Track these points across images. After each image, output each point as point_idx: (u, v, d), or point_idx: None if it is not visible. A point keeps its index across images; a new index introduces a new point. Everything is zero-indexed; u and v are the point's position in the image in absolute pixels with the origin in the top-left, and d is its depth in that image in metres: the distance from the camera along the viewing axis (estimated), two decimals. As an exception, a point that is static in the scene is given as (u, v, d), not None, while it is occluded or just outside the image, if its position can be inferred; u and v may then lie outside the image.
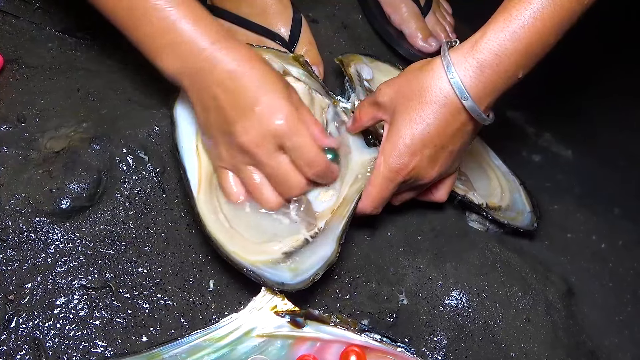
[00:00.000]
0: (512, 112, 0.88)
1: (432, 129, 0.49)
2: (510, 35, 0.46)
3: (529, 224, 0.68)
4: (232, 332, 0.50)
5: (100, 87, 0.62)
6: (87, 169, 0.54)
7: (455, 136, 0.51)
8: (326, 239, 0.55)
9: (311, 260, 0.53)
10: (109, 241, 0.54)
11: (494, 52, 0.46)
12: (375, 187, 0.54)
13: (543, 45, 0.47)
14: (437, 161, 0.53)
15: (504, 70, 0.47)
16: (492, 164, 0.73)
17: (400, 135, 0.51)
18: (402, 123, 0.51)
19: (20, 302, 0.50)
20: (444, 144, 0.51)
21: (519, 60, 0.46)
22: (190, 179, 0.54)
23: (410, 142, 0.51)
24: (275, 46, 0.69)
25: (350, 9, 0.83)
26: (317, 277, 0.52)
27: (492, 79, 0.47)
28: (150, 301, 0.53)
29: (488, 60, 0.46)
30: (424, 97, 0.49)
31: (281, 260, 0.52)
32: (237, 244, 0.52)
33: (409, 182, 0.55)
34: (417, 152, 0.51)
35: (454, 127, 0.50)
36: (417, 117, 0.50)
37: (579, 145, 0.85)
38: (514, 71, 0.47)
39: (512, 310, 0.60)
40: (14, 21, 0.64)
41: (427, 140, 0.50)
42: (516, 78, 0.47)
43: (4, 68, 0.60)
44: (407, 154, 0.51)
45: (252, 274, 0.50)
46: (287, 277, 0.51)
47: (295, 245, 0.54)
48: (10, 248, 0.51)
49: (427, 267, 0.61)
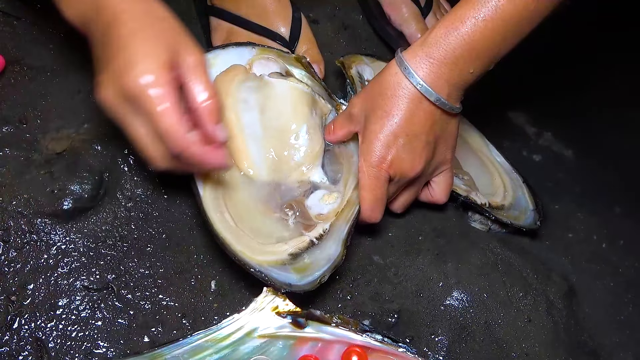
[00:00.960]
0: (512, 112, 0.88)
1: (399, 119, 0.51)
2: (453, 32, 0.49)
3: (532, 223, 0.68)
4: (234, 333, 0.50)
5: (101, 88, 0.62)
6: (89, 170, 0.54)
7: (425, 125, 0.52)
8: (332, 242, 0.55)
9: (318, 262, 0.53)
10: (110, 242, 0.54)
11: (440, 47, 0.49)
12: (365, 189, 0.55)
13: (488, 45, 0.49)
14: (415, 151, 0.53)
15: (452, 63, 0.49)
16: (494, 161, 0.73)
17: (373, 133, 0.53)
18: (372, 123, 0.53)
19: (23, 303, 0.50)
20: (416, 132, 0.52)
21: (465, 55, 0.49)
22: (195, 178, 0.54)
23: (382, 136, 0.52)
24: (276, 46, 0.69)
25: (350, 9, 0.84)
26: (324, 279, 0.52)
27: (442, 70, 0.50)
28: (152, 302, 0.53)
29: (435, 54, 0.50)
30: (387, 94, 0.52)
31: (287, 262, 0.53)
32: (244, 244, 0.52)
33: (397, 179, 0.55)
34: (390, 143, 0.52)
35: (421, 117, 0.52)
36: (383, 113, 0.52)
37: (580, 144, 0.85)
38: (462, 65, 0.49)
39: (513, 310, 0.60)
40: (15, 22, 0.64)
41: (397, 131, 0.52)
42: (468, 72, 0.50)
43: (5, 69, 0.60)
44: (382, 147, 0.52)
45: (260, 274, 0.50)
46: (294, 278, 0.51)
47: (301, 247, 0.54)
48: (12, 249, 0.51)
49: (428, 267, 0.61)
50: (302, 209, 0.56)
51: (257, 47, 0.63)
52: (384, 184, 0.54)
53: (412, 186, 0.59)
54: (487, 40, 0.49)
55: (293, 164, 0.58)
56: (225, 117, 0.57)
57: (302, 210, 0.56)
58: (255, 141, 0.58)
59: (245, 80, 0.59)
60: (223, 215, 0.53)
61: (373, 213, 0.56)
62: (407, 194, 0.60)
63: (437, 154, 0.56)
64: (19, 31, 0.64)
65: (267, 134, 0.58)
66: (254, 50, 0.63)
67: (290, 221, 0.56)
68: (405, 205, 0.61)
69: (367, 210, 0.56)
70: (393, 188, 0.57)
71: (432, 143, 0.54)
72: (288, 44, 0.70)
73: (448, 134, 0.56)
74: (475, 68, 0.50)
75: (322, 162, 0.60)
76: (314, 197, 0.58)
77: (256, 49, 0.63)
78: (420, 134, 0.52)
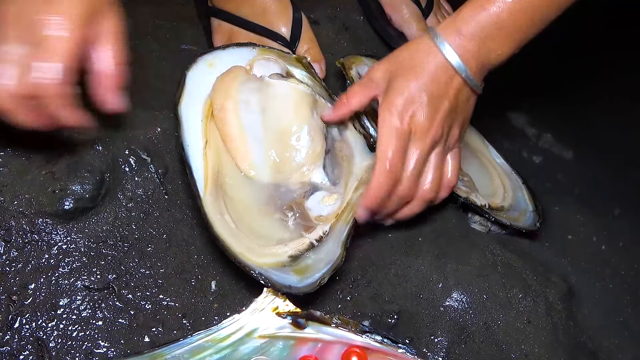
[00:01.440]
0: (513, 113, 0.88)
1: (426, 80, 0.52)
2: (483, 12, 0.51)
3: (532, 224, 0.68)
4: (234, 333, 0.50)
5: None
6: (90, 170, 0.55)
7: (448, 91, 0.52)
8: (332, 243, 0.55)
9: (317, 264, 0.53)
10: (111, 242, 0.55)
11: (470, 25, 0.51)
12: (385, 136, 0.52)
13: (516, 26, 0.51)
14: (437, 111, 0.52)
15: (480, 41, 0.51)
16: (494, 163, 0.73)
17: (398, 89, 0.52)
18: (398, 82, 0.52)
19: (24, 302, 0.50)
20: (440, 94, 0.52)
21: (493, 34, 0.51)
22: (196, 178, 0.54)
23: (407, 91, 0.52)
24: (277, 46, 0.69)
25: (351, 10, 0.84)
26: (323, 281, 0.52)
27: (470, 47, 0.51)
28: (153, 302, 0.53)
29: (464, 30, 0.51)
30: (416, 58, 0.53)
31: (287, 264, 0.53)
32: (244, 245, 0.52)
33: (417, 138, 0.52)
34: (415, 98, 0.52)
35: (447, 84, 0.52)
36: (410, 74, 0.52)
37: (580, 146, 0.85)
38: (490, 44, 0.51)
39: (512, 311, 0.60)
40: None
41: (423, 89, 0.52)
42: (495, 53, 0.52)
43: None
44: (406, 101, 0.52)
45: (260, 277, 0.51)
46: (294, 280, 0.52)
47: (301, 249, 0.54)
48: (13, 249, 0.51)
49: (428, 268, 0.61)
50: (302, 211, 0.57)
51: (258, 48, 0.63)
52: (403, 134, 0.52)
53: (434, 155, 0.55)
54: (516, 22, 0.50)
55: (294, 165, 0.59)
56: (226, 119, 0.58)
57: (302, 211, 0.57)
58: (256, 142, 0.58)
59: (246, 81, 0.59)
60: (223, 216, 0.53)
61: (391, 167, 0.52)
62: (432, 162, 0.55)
63: (454, 126, 0.55)
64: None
65: (268, 135, 0.59)
66: (254, 50, 0.63)
67: (290, 222, 0.56)
68: (436, 180, 0.56)
69: (384, 164, 0.52)
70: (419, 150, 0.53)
71: (453, 112, 0.53)
72: (289, 44, 0.70)
73: (466, 111, 0.56)
74: (502, 49, 0.51)
75: (323, 164, 0.60)
76: (314, 198, 0.58)
77: (257, 50, 0.63)
78: (444, 97, 0.52)
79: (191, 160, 0.55)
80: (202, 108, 0.58)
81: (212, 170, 0.55)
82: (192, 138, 0.56)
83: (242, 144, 0.57)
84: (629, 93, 0.91)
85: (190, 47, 0.71)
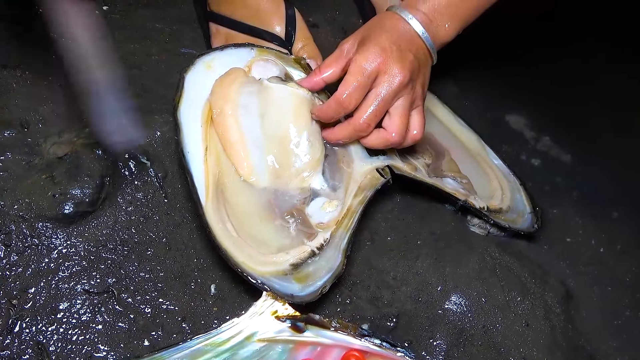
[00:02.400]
0: (511, 116, 0.88)
1: (394, 34, 0.59)
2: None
3: (530, 226, 0.69)
4: (233, 337, 0.51)
5: (102, 93, 0.63)
6: (90, 174, 0.55)
7: (412, 46, 0.59)
8: (332, 251, 0.55)
9: (319, 272, 0.54)
10: (111, 246, 0.55)
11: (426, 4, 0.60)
12: (351, 73, 0.56)
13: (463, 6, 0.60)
14: (404, 59, 0.57)
15: (432, 16, 0.60)
16: (491, 164, 0.73)
17: (372, 41, 0.58)
18: (370, 39, 0.58)
19: (24, 306, 0.50)
20: (406, 47, 0.58)
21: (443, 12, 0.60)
22: (197, 186, 0.54)
23: (380, 41, 0.57)
24: (274, 47, 0.69)
25: (349, 13, 0.84)
26: (325, 289, 0.53)
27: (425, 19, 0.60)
28: (152, 306, 0.54)
29: (421, 7, 0.60)
30: (382, 22, 0.60)
31: (289, 272, 0.53)
32: (246, 254, 0.53)
33: (385, 84, 0.56)
34: (386, 47, 0.57)
35: (410, 40, 0.60)
36: (381, 30, 0.59)
37: (578, 149, 0.85)
38: (440, 20, 0.60)
39: (511, 314, 0.60)
40: (16, 27, 0.65)
41: (392, 41, 0.58)
42: (444, 27, 0.60)
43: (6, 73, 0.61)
44: (377, 49, 0.57)
45: (262, 286, 0.51)
46: (296, 288, 0.52)
47: (302, 257, 0.54)
48: (13, 253, 0.52)
49: (426, 271, 0.61)
50: (302, 217, 0.57)
51: (256, 49, 0.63)
52: (370, 73, 0.56)
53: (401, 102, 0.58)
54: (461, 4, 0.60)
55: (293, 170, 0.58)
56: (226, 123, 0.58)
57: (303, 217, 0.57)
58: (255, 147, 0.58)
59: (245, 84, 0.59)
60: (225, 225, 0.53)
61: (348, 98, 0.56)
62: (402, 110, 0.58)
63: (418, 80, 0.59)
64: (20, 36, 0.64)
65: (267, 140, 0.59)
66: (252, 51, 0.62)
67: (291, 228, 0.56)
68: (404, 123, 0.59)
69: (343, 92, 0.56)
70: (382, 93, 0.56)
71: (417, 64, 0.59)
72: (284, 42, 0.70)
73: (425, 72, 0.61)
74: (451, 25, 0.60)
75: (322, 169, 0.60)
76: (315, 204, 0.58)
77: (255, 50, 0.62)
78: (408, 50, 0.58)
79: (192, 168, 0.54)
80: (202, 112, 0.58)
81: (213, 177, 0.55)
82: (193, 145, 0.56)
83: (242, 150, 0.57)
84: (628, 96, 0.91)
85: (189, 51, 0.71)
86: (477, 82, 0.85)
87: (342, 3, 0.84)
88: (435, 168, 0.68)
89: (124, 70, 0.66)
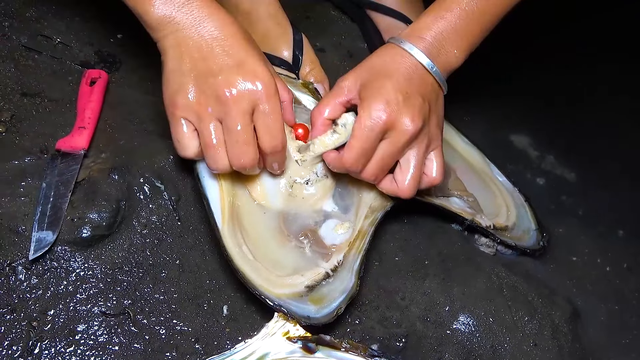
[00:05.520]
0: (515, 135, 0.89)
1: (399, 78, 0.56)
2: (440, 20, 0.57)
3: (535, 243, 0.69)
4: (245, 358, 0.52)
5: (118, 119, 0.65)
6: (107, 198, 0.57)
7: (420, 87, 0.56)
8: (346, 272, 0.56)
9: (333, 293, 0.55)
10: (127, 268, 0.56)
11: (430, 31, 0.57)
12: (356, 137, 0.54)
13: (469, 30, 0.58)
14: (414, 108, 0.55)
15: (439, 44, 0.57)
16: (496, 181, 0.74)
17: (375, 90, 0.55)
18: (372, 84, 0.56)
19: (43, 328, 0.52)
20: (413, 91, 0.56)
21: (451, 37, 0.57)
22: (214, 210, 0.55)
23: (384, 91, 0.55)
24: (281, 72, 0.71)
25: (355, 37, 0.86)
26: (340, 311, 0.54)
27: (431, 49, 0.57)
28: (167, 327, 0.55)
29: (426, 35, 0.57)
30: (385, 61, 0.57)
31: (304, 294, 0.54)
32: (263, 277, 0.54)
33: (395, 137, 0.55)
34: (391, 99, 0.55)
35: (418, 80, 0.57)
36: (384, 75, 0.56)
37: (583, 167, 0.86)
38: (448, 47, 0.57)
39: (518, 334, 0.61)
40: (36, 56, 0.67)
41: (397, 88, 0.55)
42: (453, 53, 0.58)
43: (26, 101, 0.63)
44: (382, 102, 0.54)
45: (280, 308, 0.52)
46: (312, 310, 0.53)
47: (317, 279, 0.55)
48: (34, 276, 0.53)
49: (434, 291, 0.62)
50: (316, 238, 0.58)
51: None
52: (376, 136, 0.54)
53: (414, 152, 0.56)
54: (468, 26, 0.58)
55: (306, 194, 0.60)
56: None
57: (316, 239, 0.58)
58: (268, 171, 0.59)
59: None
60: (241, 248, 0.55)
61: (355, 163, 0.55)
62: (413, 162, 0.56)
63: (431, 123, 0.57)
64: (40, 65, 0.67)
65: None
66: None
67: (307, 249, 0.57)
68: (416, 178, 0.57)
69: (350, 159, 0.55)
70: (391, 148, 0.55)
71: (427, 107, 0.56)
72: (292, 66, 0.72)
73: (439, 109, 0.59)
74: (459, 51, 0.58)
75: (333, 192, 0.61)
76: (326, 227, 0.59)
77: None
78: (417, 93, 0.56)
79: (208, 192, 0.56)
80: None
81: (228, 200, 0.57)
82: (208, 169, 0.57)
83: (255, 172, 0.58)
84: (632, 115, 0.92)
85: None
86: (480, 103, 0.87)
87: (347, 28, 0.87)
88: (441, 187, 0.69)
89: (139, 97, 0.68)
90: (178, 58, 0.53)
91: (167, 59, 0.53)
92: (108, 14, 0.72)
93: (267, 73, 0.53)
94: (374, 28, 0.84)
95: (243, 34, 0.54)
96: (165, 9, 0.52)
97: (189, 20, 0.52)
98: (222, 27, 0.53)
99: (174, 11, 0.52)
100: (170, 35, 0.53)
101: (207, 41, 0.52)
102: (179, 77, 0.53)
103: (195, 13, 0.52)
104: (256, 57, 0.53)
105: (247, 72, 0.52)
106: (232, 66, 0.52)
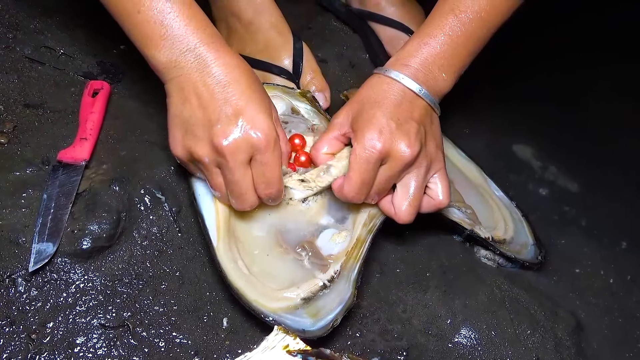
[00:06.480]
0: (517, 146, 0.89)
1: (389, 106, 0.55)
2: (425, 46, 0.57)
3: (534, 257, 0.69)
4: (245, 371, 0.51)
5: (119, 130, 0.65)
6: (107, 210, 0.57)
7: (413, 113, 0.56)
8: (343, 282, 0.56)
9: (330, 305, 0.54)
10: (126, 280, 0.56)
11: (416, 57, 0.57)
12: (354, 169, 0.55)
13: (455, 55, 0.58)
14: (409, 134, 0.55)
15: (427, 69, 0.57)
16: (493, 196, 0.74)
17: (366, 121, 0.55)
18: (363, 115, 0.56)
19: (42, 341, 0.51)
20: (406, 118, 0.55)
21: (437, 62, 0.57)
22: (209, 227, 0.56)
23: (375, 121, 0.55)
24: (281, 80, 0.71)
25: (357, 48, 0.87)
26: (336, 323, 0.53)
27: (419, 75, 0.57)
28: (166, 339, 0.54)
29: (411, 63, 0.57)
30: (373, 92, 0.57)
31: (300, 306, 0.54)
32: (258, 292, 0.54)
33: (393, 163, 0.55)
34: (383, 127, 0.54)
35: (409, 106, 0.56)
36: (373, 105, 0.56)
37: (585, 178, 0.85)
38: (436, 72, 0.57)
39: (521, 348, 0.60)
40: (39, 67, 0.68)
41: (389, 116, 0.55)
42: (442, 78, 0.57)
43: (29, 112, 0.63)
44: (375, 131, 0.54)
45: (274, 323, 0.52)
46: (307, 323, 0.53)
47: (313, 290, 0.55)
48: (33, 288, 0.53)
49: (436, 304, 0.62)
50: (314, 250, 0.58)
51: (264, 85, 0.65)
52: (373, 167, 0.54)
53: (413, 177, 0.56)
54: (454, 50, 0.57)
55: (304, 207, 0.60)
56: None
57: (314, 250, 0.58)
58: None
59: None
60: (236, 263, 0.55)
61: (356, 195, 0.56)
62: (412, 187, 0.56)
63: (428, 146, 0.57)
64: (43, 76, 0.67)
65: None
66: None
67: (305, 261, 0.57)
68: (414, 204, 0.57)
69: (351, 192, 0.55)
70: (388, 173, 0.55)
71: (423, 132, 0.56)
72: (292, 75, 0.72)
73: (435, 130, 0.59)
74: (447, 75, 0.58)
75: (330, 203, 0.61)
76: (324, 237, 0.59)
77: None
78: (409, 119, 0.55)
79: (203, 210, 0.56)
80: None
81: (224, 216, 0.57)
82: (202, 187, 0.58)
83: None
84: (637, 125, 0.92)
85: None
86: (482, 114, 0.87)
87: (349, 39, 0.87)
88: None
89: (140, 108, 0.68)
90: (180, 103, 0.53)
91: (171, 102, 0.54)
92: (111, 25, 0.72)
93: (266, 122, 0.52)
94: (375, 39, 0.84)
95: (247, 79, 0.53)
96: (171, 54, 0.52)
97: (194, 65, 0.52)
98: (226, 73, 0.52)
99: (179, 56, 0.52)
100: (175, 80, 0.53)
101: (209, 87, 0.52)
102: (179, 123, 0.53)
103: (201, 57, 0.52)
104: (256, 105, 0.52)
105: (245, 123, 0.51)
106: (231, 115, 0.52)
